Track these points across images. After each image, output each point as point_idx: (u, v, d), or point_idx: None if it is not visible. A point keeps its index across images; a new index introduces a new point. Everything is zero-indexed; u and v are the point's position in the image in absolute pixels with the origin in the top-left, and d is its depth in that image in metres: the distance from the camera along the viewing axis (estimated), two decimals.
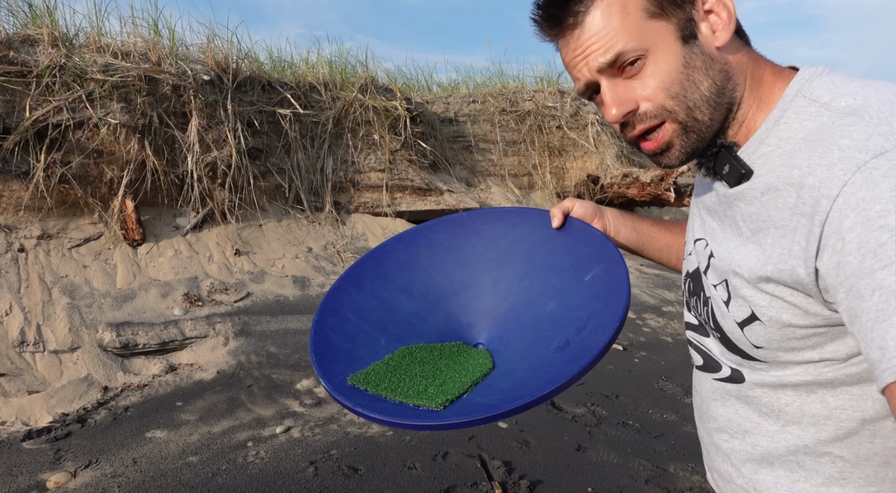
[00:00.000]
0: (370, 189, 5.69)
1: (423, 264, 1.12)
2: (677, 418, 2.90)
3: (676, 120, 0.74)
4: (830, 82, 0.70)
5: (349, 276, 1.13)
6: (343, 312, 1.08)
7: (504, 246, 1.09)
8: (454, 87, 7.63)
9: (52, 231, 3.88)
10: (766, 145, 0.72)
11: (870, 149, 0.60)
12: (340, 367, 0.97)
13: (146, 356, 3.34)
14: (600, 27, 0.72)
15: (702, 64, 0.72)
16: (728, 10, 0.72)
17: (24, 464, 2.38)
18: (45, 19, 4.18)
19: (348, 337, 1.04)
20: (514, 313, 1.01)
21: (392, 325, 1.06)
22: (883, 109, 0.63)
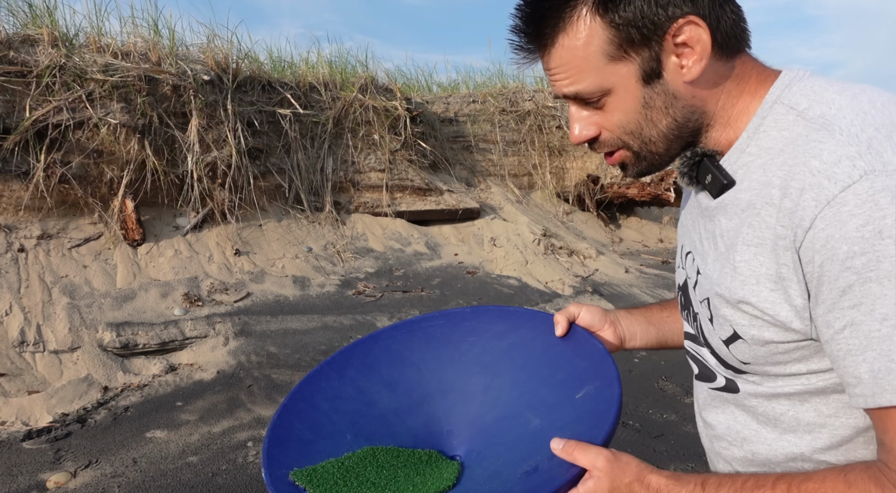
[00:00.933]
0: (370, 189, 5.69)
1: (415, 358, 1.05)
2: (677, 418, 2.90)
3: (630, 150, 0.77)
4: (809, 88, 0.69)
5: (333, 360, 1.06)
6: (316, 398, 1.01)
7: (502, 349, 1.02)
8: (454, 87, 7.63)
9: (52, 231, 3.88)
10: (746, 154, 0.72)
11: (838, 178, 0.60)
12: (291, 459, 0.89)
13: (146, 356, 3.34)
14: (563, 62, 0.73)
15: (662, 104, 0.72)
16: (702, 43, 0.69)
17: (24, 464, 2.38)
18: (45, 19, 4.18)
19: (313, 427, 0.96)
20: (499, 426, 0.94)
21: (365, 420, 0.98)
22: (855, 122, 0.63)
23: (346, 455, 0.92)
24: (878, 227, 0.58)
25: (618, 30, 0.69)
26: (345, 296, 4.37)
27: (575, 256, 5.79)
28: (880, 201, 0.58)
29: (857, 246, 0.59)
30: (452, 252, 5.53)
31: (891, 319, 0.58)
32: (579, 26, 0.70)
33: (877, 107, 0.64)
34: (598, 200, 7.09)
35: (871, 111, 0.64)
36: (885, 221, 0.58)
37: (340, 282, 4.57)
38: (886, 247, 0.58)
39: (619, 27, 0.69)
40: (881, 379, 0.60)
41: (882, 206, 0.58)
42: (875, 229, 0.58)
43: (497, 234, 5.84)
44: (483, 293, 4.72)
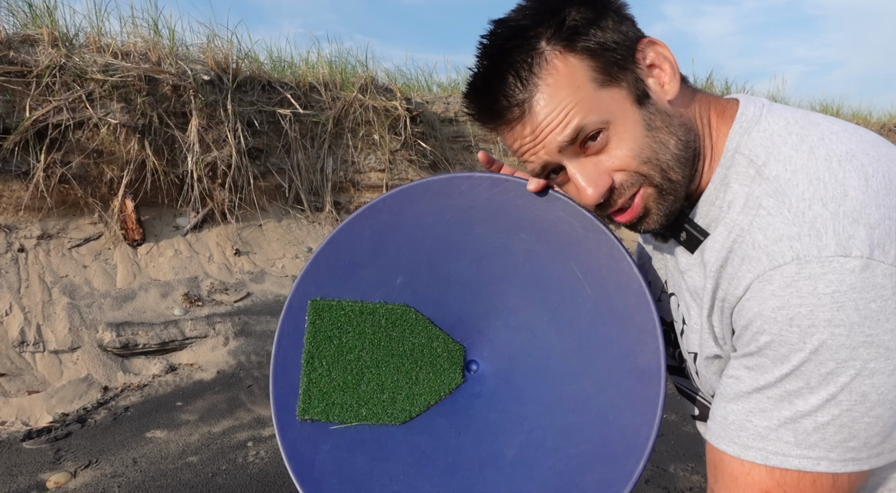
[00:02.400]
0: (370, 189, 5.69)
1: (529, 245, 0.84)
2: (677, 418, 2.89)
3: (652, 184, 0.70)
4: (767, 136, 0.67)
5: (455, 178, 0.88)
6: (405, 213, 0.86)
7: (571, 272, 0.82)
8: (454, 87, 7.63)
9: (52, 231, 3.88)
10: (715, 208, 0.71)
11: (773, 256, 0.60)
12: (328, 280, 0.82)
13: (146, 356, 3.34)
14: (552, 108, 0.67)
15: (662, 123, 0.69)
16: (669, 61, 0.69)
17: (24, 464, 2.38)
18: (45, 19, 4.18)
19: (376, 247, 0.85)
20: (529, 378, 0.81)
21: (430, 270, 0.85)
22: (805, 195, 0.61)
23: (375, 304, 0.83)
24: (790, 314, 0.59)
25: (596, 57, 0.67)
26: None
27: None
28: (802, 289, 0.58)
29: (766, 325, 0.61)
30: None
31: (765, 390, 0.62)
32: (554, 66, 0.67)
33: (832, 169, 0.62)
34: None
35: (825, 177, 0.61)
36: (799, 309, 0.58)
37: None
38: (791, 334, 0.59)
39: (596, 54, 0.67)
40: (731, 430, 0.64)
41: (802, 294, 0.58)
42: (787, 315, 0.59)
43: None
44: None
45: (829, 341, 0.57)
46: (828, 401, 0.59)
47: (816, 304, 0.57)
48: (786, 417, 0.60)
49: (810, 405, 0.59)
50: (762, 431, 0.62)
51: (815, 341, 0.58)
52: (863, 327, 0.57)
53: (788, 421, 0.60)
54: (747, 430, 0.63)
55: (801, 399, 0.60)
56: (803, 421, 0.60)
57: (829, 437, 0.59)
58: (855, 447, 0.59)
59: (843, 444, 0.59)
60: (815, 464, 0.59)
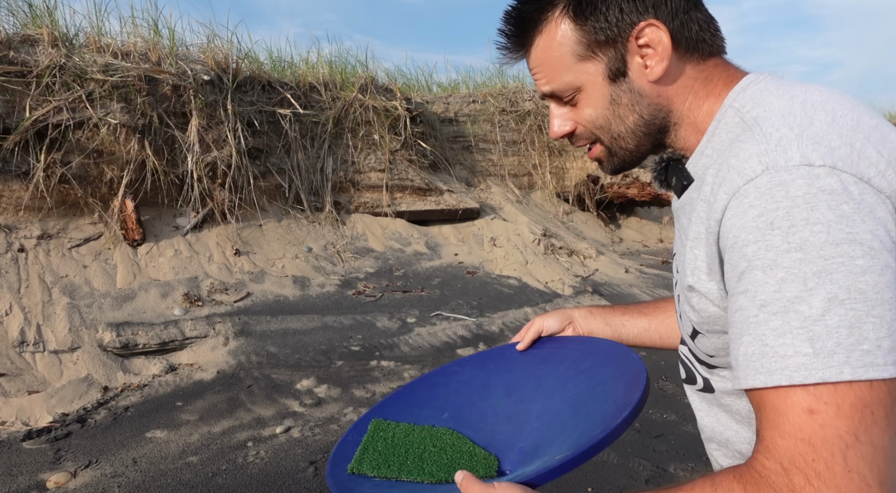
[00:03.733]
0: (370, 189, 5.69)
1: (541, 373, 1.12)
2: (677, 418, 2.90)
3: (603, 144, 0.84)
4: (759, 92, 0.74)
5: (489, 352, 1.19)
6: (451, 378, 1.14)
7: (594, 395, 1.02)
8: (454, 87, 7.63)
9: (52, 231, 3.88)
10: (705, 157, 0.77)
11: (745, 172, 0.65)
12: (392, 412, 1.05)
13: (146, 356, 3.34)
14: (539, 63, 0.81)
15: (628, 101, 0.79)
16: (662, 44, 0.75)
17: (24, 464, 2.38)
18: (45, 19, 4.18)
19: (430, 397, 1.11)
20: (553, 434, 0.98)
21: (469, 408, 1.09)
22: (774, 123, 0.67)
23: (424, 426, 1.04)
24: (770, 218, 0.62)
25: (585, 31, 0.76)
26: (345, 296, 4.37)
27: (575, 256, 5.79)
28: (776, 195, 0.62)
29: (751, 235, 0.63)
30: (452, 252, 5.53)
31: (768, 305, 0.62)
32: (553, 28, 0.78)
33: (805, 108, 0.67)
34: (598, 200, 7.09)
35: (796, 111, 0.67)
36: (776, 213, 0.61)
37: (340, 282, 4.57)
38: (774, 237, 0.61)
39: (587, 29, 0.76)
40: (753, 362, 0.63)
41: (776, 198, 0.62)
42: (767, 220, 0.62)
43: (497, 234, 5.84)
44: (483, 293, 4.72)
45: (811, 239, 0.60)
46: (830, 301, 0.59)
47: (791, 205, 0.61)
48: (796, 327, 0.60)
49: (816, 309, 0.60)
50: (780, 350, 0.61)
51: (797, 239, 0.61)
52: (840, 224, 0.60)
53: (800, 331, 0.60)
54: (767, 355, 0.62)
55: (804, 304, 0.60)
56: (815, 328, 0.60)
57: (843, 341, 0.59)
58: (869, 349, 0.59)
59: (857, 347, 0.59)
60: (838, 373, 0.59)
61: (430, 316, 4.19)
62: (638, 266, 5.92)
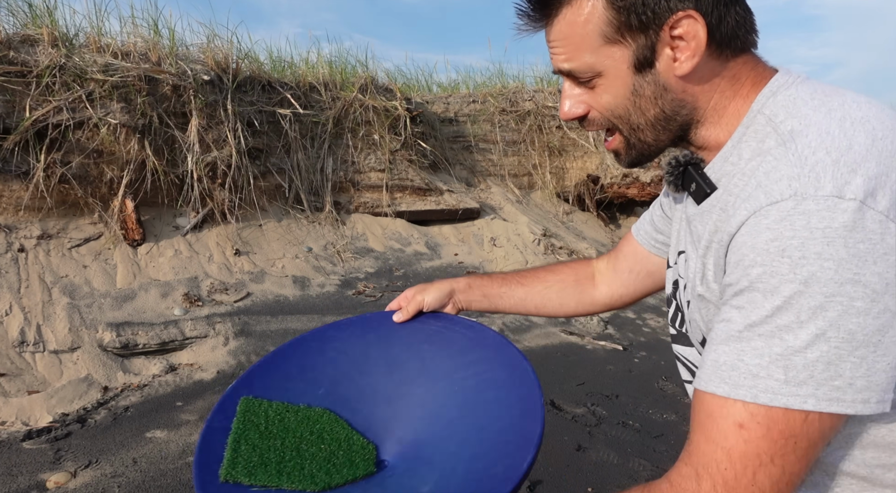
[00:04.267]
0: (370, 189, 5.69)
1: (424, 353, 1.06)
2: (677, 418, 2.89)
3: (621, 134, 0.79)
4: (791, 99, 0.70)
5: (368, 318, 1.11)
6: (327, 345, 1.05)
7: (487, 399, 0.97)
8: (454, 87, 7.63)
9: (52, 231, 3.88)
10: (729, 164, 0.74)
11: (772, 193, 0.63)
12: (261, 387, 0.95)
13: (146, 356, 3.34)
14: (562, 37, 0.75)
15: (651, 93, 0.74)
16: (697, 39, 0.70)
17: (24, 464, 2.38)
18: (45, 19, 4.18)
19: (304, 368, 1.02)
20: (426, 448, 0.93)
21: (348, 384, 1.01)
22: (811, 144, 0.64)
23: (299, 406, 0.96)
24: (782, 245, 0.61)
25: (619, 12, 0.70)
26: (345, 296, 4.37)
27: (575, 256, 5.79)
28: (795, 223, 0.61)
29: (759, 257, 0.62)
30: (452, 252, 5.53)
31: (756, 327, 0.62)
32: (583, 2, 0.72)
33: (844, 127, 0.65)
34: (598, 200, 7.09)
35: (835, 132, 0.64)
36: (791, 241, 0.60)
37: (340, 282, 4.57)
38: (782, 265, 0.61)
39: (621, 10, 0.70)
40: (722, 371, 0.64)
41: (795, 227, 0.60)
42: (779, 247, 0.61)
43: (497, 234, 5.84)
44: None
45: (818, 274, 0.59)
46: (817, 337, 0.60)
47: (808, 237, 0.60)
48: (777, 353, 0.61)
49: (801, 341, 0.60)
50: (754, 369, 0.62)
51: (804, 272, 0.60)
52: (850, 264, 0.59)
53: (779, 358, 0.61)
54: (738, 369, 0.63)
55: (791, 334, 0.60)
56: (794, 358, 0.60)
57: (817, 374, 0.60)
58: (840, 386, 0.60)
59: (829, 382, 0.60)
60: (801, 402, 0.60)
61: None
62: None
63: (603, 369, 3.49)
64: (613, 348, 3.83)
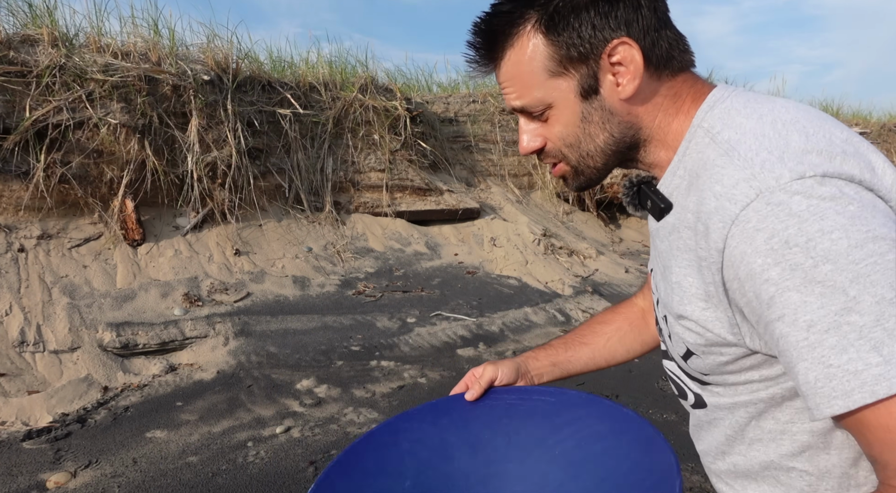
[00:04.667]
0: (370, 189, 5.69)
1: (510, 429, 1.01)
2: (677, 418, 2.89)
3: (569, 164, 0.82)
4: (726, 111, 0.73)
5: (437, 404, 1.06)
6: (400, 436, 1.01)
7: (595, 452, 0.94)
8: (454, 87, 7.63)
9: (52, 231, 3.88)
10: (677, 177, 0.76)
11: (737, 199, 0.63)
12: (343, 484, 0.91)
13: (146, 356, 3.34)
14: (510, 77, 0.78)
15: (599, 119, 0.77)
16: (635, 63, 0.73)
17: (24, 464, 2.38)
18: (45, 19, 4.18)
19: (381, 461, 0.97)
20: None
21: (433, 473, 0.97)
22: (752, 147, 0.66)
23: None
24: (783, 238, 0.60)
25: (558, 47, 0.74)
26: (345, 296, 4.37)
27: (575, 256, 5.79)
28: (779, 214, 0.61)
29: (769, 258, 0.61)
30: (452, 252, 5.53)
31: (815, 324, 0.59)
32: (524, 42, 0.76)
33: (777, 129, 0.67)
34: (598, 200, 7.09)
35: (769, 133, 0.67)
36: (787, 231, 0.60)
37: (340, 282, 4.57)
38: (795, 255, 0.59)
39: (560, 45, 0.74)
40: (821, 388, 0.60)
41: (781, 218, 0.60)
42: (781, 240, 0.60)
43: (497, 234, 5.84)
44: (483, 293, 4.72)
45: (833, 247, 0.58)
46: (878, 303, 0.57)
47: (799, 221, 0.60)
48: (855, 339, 0.57)
49: (868, 315, 0.57)
50: (848, 366, 0.58)
51: (820, 251, 0.58)
52: (855, 225, 0.58)
53: (861, 341, 0.57)
54: (835, 377, 0.59)
55: (853, 314, 0.58)
56: (874, 334, 0.57)
57: None
58: None
59: None
60: None
61: (431, 316, 4.18)
62: (638, 266, 5.92)
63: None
64: None
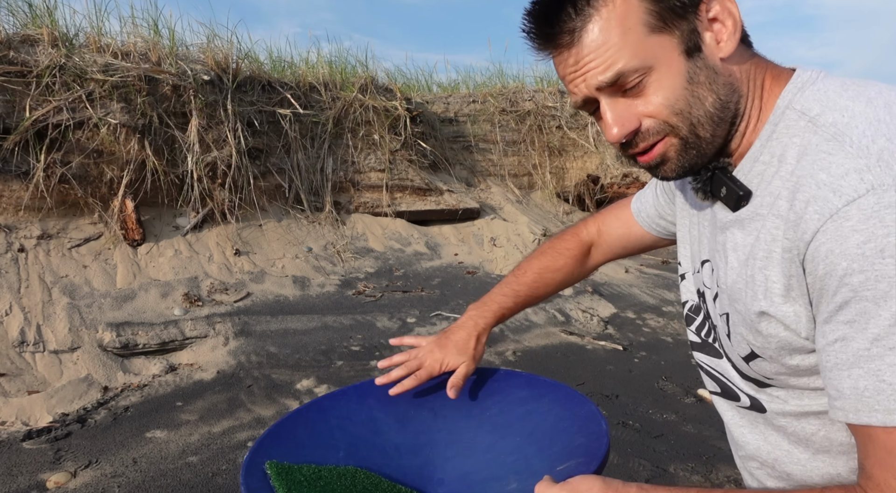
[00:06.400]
0: (370, 189, 5.69)
1: (436, 404, 1.05)
2: (677, 418, 2.89)
3: (678, 136, 0.70)
4: (822, 92, 0.67)
5: (361, 385, 1.09)
6: (329, 413, 1.04)
7: (518, 414, 1.00)
8: (454, 87, 7.63)
9: (52, 231, 3.88)
10: (760, 163, 0.70)
11: (844, 191, 0.58)
12: (277, 452, 0.93)
13: (146, 356, 3.34)
14: (599, 44, 0.67)
15: (706, 78, 0.68)
16: (734, 18, 0.68)
17: (24, 464, 2.38)
18: (45, 19, 4.18)
19: (313, 434, 0.99)
20: (484, 486, 0.93)
21: (365, 446, 1.00)
22: (867, 133, 0.60)
23: (328, 466, 0.93)
24: (879, 245, 0.56)
25: (655, 1, 0.67)
26: (345, 296, 4.37)
27: None
28: (885, 218, 0.56)
29: (856, 263, 0.57)
30: (452, 252, 5.53)
31: (882, 339, 0.57)
32: (615, 1, 0.67)
33: (893, 113, 0.61)
34: (598, 199, 7.09)
35: (886, 119, 0.61)
36: (888, 239, 0.56)
37: (340, 282, 4.57)
38: (886, 267, 0.56)
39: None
40: (867, 397, 0.59)
41: (887, 223, 0.56)
42: (876, 248, 0.56)
43: (497, 234, 5.84)
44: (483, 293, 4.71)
45: None
46: None
47: None
48: None
49: None
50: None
51: None
52: None
53: None
54: (884, 392, 0.57)
55: None
56: None
57: None
58: None
59: None
60: None
61: (430, 316, 4.18)
62: (638, 266, 5.92)
63: (603, 369, 3.49)
64: (613, 348, 3.83)
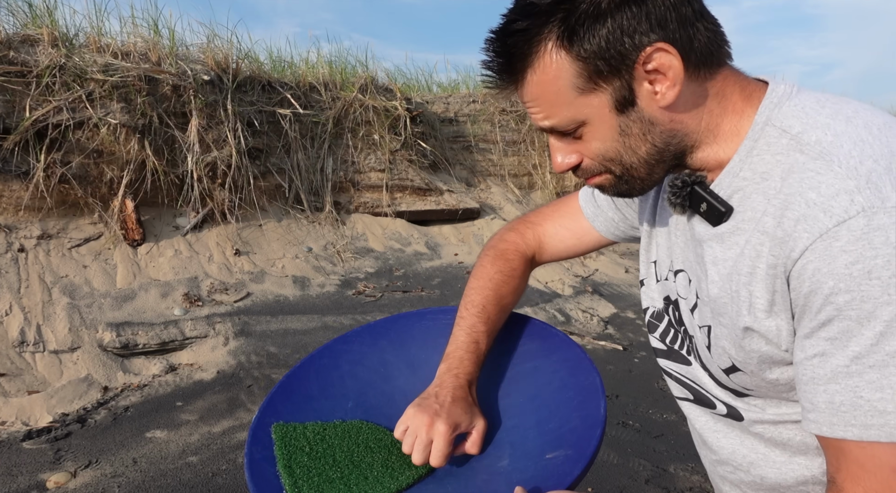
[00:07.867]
0: (370, 189, 5.69)
1: (444, 347, 1.01)
2: (677, 418, 2.89)
3: (613, 174, 0.76)
4: (799, 108, 0.67)
5: (374, 326, 1.07)
6: (341, 359, 1.03)
7: (526, 370, 0.98)
8: (454, 87, 7.63)
9: (52, 231, 3.88)
10: (740, 179, 0.70)
11: (834, 212, 0.59)
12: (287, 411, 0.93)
13: (146, 356, 3.34)
14: (535, 97, 0.72)
15: (639, 130, 0.70)
16: (673, 69, 0.66)
17: (24, 464, 2.38)
18: (45, 19, 4.18)
19: (324, 385, 0.99)
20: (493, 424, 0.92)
21: (374, 393, 0.99)
22: (853, 153, 0.61)
23: (334, 423, 0.94)
24: (867, 267, 0.57)
25: (585, 62, 0.67)
26: (345, 296, 4.37)
27: None
28: (874, 240, 0.57)
29: (842, 283, 0.58)
30: (452, 252, 5.53)
31: (863, 358, 0.58)
32: (546, 61, 0.68)
33: (874, 133, 0.62)
34: None
35: (868, 139, 0.62)
36: (875, 261, 0.56)
37: (340, 282, 4.57)
38: (872, 288, 0.57)
39: (587, 60, 0.67)
40: (844, 412, 0.60)
41: (875, 245, 0.57)
42: (864, 269, 0.57)
43: None
44: None
45: None
46: None
47: (893, 253, 0.56)
48: (894, 383, 0.57)
49: None
50: (878, 404, 0.58)
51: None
52: None
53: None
54: (861, 408, 0.59)
55: None
56: None
57: None
58: None
59: None
60: None
61: None
62: (637, 266, 5.92)
63: (603, 369, 3.49)
64: (613, 348, 3.83)
